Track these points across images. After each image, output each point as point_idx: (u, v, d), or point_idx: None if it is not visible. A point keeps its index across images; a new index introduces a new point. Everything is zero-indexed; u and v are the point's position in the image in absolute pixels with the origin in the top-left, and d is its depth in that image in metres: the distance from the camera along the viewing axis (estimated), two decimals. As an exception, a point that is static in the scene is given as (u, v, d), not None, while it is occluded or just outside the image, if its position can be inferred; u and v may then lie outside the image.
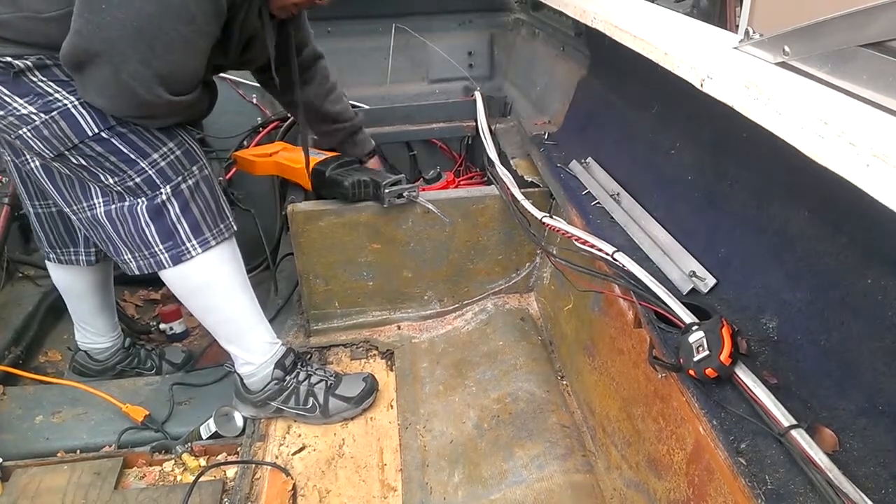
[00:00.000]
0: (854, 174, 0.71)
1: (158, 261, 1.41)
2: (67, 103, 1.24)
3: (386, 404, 1.72)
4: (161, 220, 1.38)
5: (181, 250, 1.40)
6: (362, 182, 1.76)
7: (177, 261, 1.41)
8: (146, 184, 1.34)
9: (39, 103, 1.23)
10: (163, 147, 1.35)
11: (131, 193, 1.35)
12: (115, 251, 1.43)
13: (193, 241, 1.41)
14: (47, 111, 1.23)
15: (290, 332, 1.96)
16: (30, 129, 1.24)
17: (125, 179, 1.33)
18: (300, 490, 1.47)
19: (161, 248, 1.39)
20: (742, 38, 1.10)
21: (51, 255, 1.69)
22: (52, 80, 1.23)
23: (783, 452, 0.90)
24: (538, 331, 1.87)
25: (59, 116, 1.24)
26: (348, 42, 2.51)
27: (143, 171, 1.33)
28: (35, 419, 1.71)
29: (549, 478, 1.37)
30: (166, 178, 1.36)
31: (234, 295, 1.52)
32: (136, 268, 1.43)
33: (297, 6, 1.41)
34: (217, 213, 1.46)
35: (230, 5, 1.23)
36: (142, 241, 1.39)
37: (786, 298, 1.06)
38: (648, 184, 1.51)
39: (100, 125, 1.27)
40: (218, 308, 1.53)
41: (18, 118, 1.23)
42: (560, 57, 2.21)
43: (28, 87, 1.22)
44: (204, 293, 1.49)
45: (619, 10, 1.48)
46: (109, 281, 1.83)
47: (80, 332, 1.84)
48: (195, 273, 1.44)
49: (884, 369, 0.87)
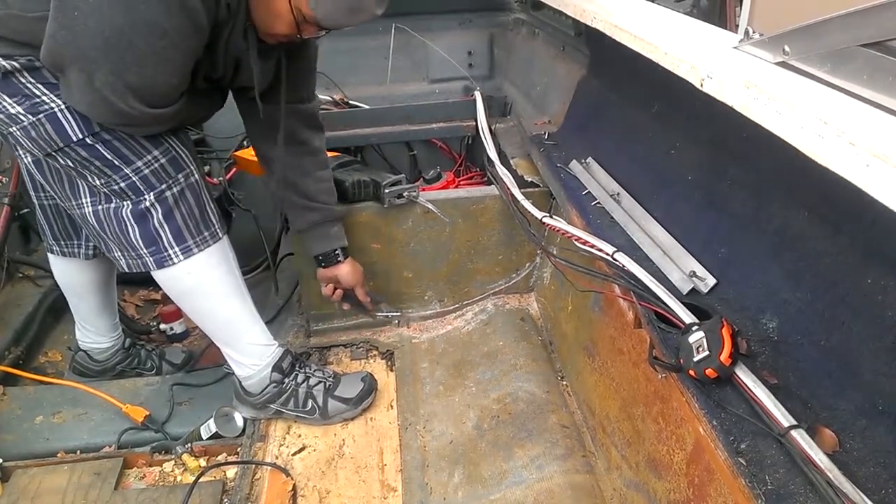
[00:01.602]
0: (854, 174, 0.71)
1: (145, 262, 1.42)
2: (54, 107, 1.23)
3: (386, 405, 1.72)
4: (144, 224, 1.37)
5: (163, 256, 1.40)
6: (362, 182, 1.76)
7: (160, 265, 1.41)
8: (130, 189, 1.34)
9: (27, 105, 1.22)
10: (147, 155, 1.33)
11: (117, 196, 1.35)
12: (107, 248, 1.45)
13: (176, 248, 1.40)
14: (34, 113, 1.23)
15: (290, 332, 1.95)
16: (19, 129, 1.25)
17: (110, 183, 1.33)
18: (300, 490, 1.47)
19: (145, 252, 1.40)
20: (742, 37, 1.10)
21: (54, 248, 1.69)
22: (40, 82, 1.22)
23: (783, 453, 0.90)
24: (538, 331, 1.87)
25: (46, 119, 1.23)
26: (348, 42, 2.50)
27: (126, 177, 1.32)
28: (35, 419, 1.71)
29: (549, 478, 1.37)
30: (150, 185, 1.35)
31: (226, 299, 1.51)
32: (125, 266, 1.44)
33: (285, 36, 1.32)
34: (201, 221, 1.44)
35: (214, 23, 1.20)
36: (128, 242, 1.39)
37: (786, 298, 1.06)
38: (648, 184, 1.51)
39: (84, 131, 1.25)
40: (210, 311, 1.53)
41: (8, 117, 1.24)
42: (560, 57, 2.20)
43: (17, 87, 1.21)
44: (194, 296, 1.49)
45: (619, 10, 1.48)
46: (111, 280, 1.83)
47: (80, 331, 1.84)
48: (183, 277, 1.44)
49: (884, 369, 0.87)
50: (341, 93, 2.48)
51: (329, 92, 2.49)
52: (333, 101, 2.47)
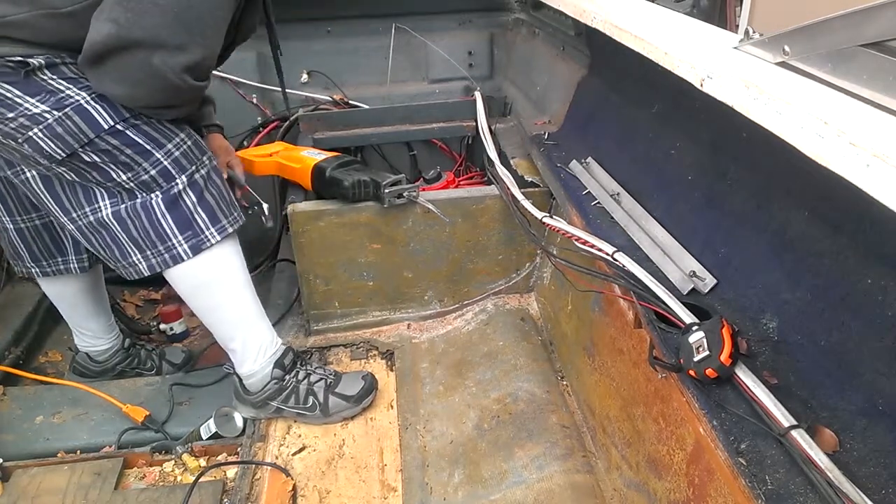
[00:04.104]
0: (854, 174, 0.71)
1: (175, 254, 1.41)
2: (80, 99, 1.25)
3: (386, 404, 1.72)
4: (178, 210, 1.39)
5: (201, 239, 1.41)
6: (362, 182, 1.76)
7: (196, 250, 1.41)
8: (162, 175, 1.35)
9: (52, 101, 1.23)
10: (175, 137, 1.37)
11: (145, 188, 1.36)
12: (121, 254, 1.42)
13: (212, 228, 1.42)
14: (60, 108, 1.23)
15: (290, 332, 1.96)
16: (42, 129, 1.23)
17: (139, 173, 1.33)
18: (300, 490, 1.47)
19: (180, 240, 1.40)
20: (742, 37, 1.10)
21: (34, 270, 1.65)
22: (61, 77, 1.24)
23: (783, 453, 0.90)
24: (538, 331, 1.87)
25: (73, 112, 1.24)
26: (348, 42, 2.51)
27: (158, 162, 1.34)
28: (35, 419, 1.71)
29: (549, 478, 1.37)
30: (181, 167, 1.38)
31: (239, 290, 1.52)
32: (145, 268, 1.42)
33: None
34: (229, 201, 1.49)
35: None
36: (157, 235, 1.39)
37: (786, 298, 1.06)
38: (648, 184, 1.51)
39: (114, 117, 1.28)
40: (223, 304, 1.53)
41: (30, 118, 1.22)
42: (560, 57, 2.21)
43: (39, 85, 1.22)
44: (210, 288, 1.50)
45: (619, 10, 1.48)
46: (101, 283, 1.82)
47: (78, 336, 1.84)
48: (204, 267, 1.44)
49: (884, 369, 0.87)
50: (341, 93, 2.48)
51: (329, 92, 2.49)
52: (333, 101, 2.48)
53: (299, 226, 1.81)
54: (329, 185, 1.79)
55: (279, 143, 2.12)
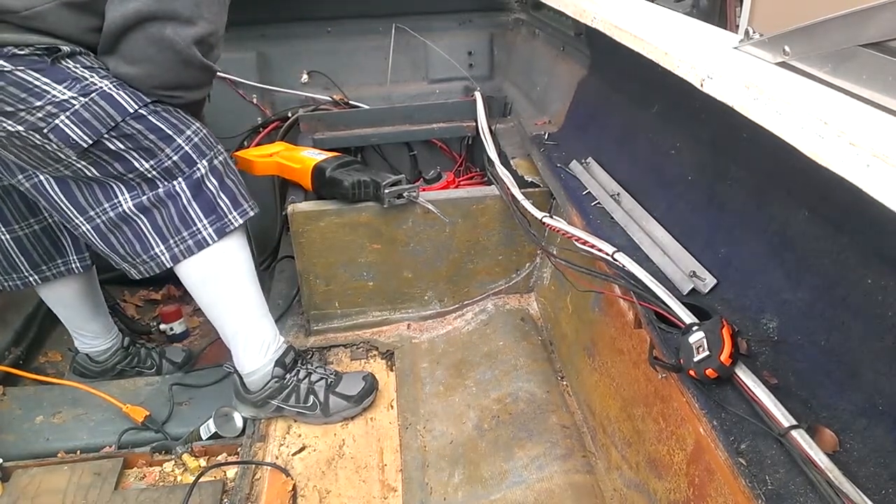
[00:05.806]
0: (854, 174, 0.71)
1: (200, 239, 1.42)
2: (103, 86, 1.28)
3: (386, 405, 1.72)
4: (203, 195, 1.42)
5: (225, 222, 1.44)
6: (362, 182, 1.76)
7: (220, 234, 1.43)
8: (184, 160, 1.39)
9: (78, 87, 1.26)
10: (193, 125, 1.41)
11: (167, 175, 1.38)
12: (143, 248, 1.41)
13: (234, 212, 1.46)
14: (86, 94, 1.26)
15: (290, 332, 1.95)
16: (69, 115, 1.25)
17: (162, 160, 1.36)
18: (300, 490, 1.47)
19: (205, 223, 1.42)
20: (742, 37, 1.10)
21: (32, 278, 1.65)
22: (82, 66, 1.28)
23: (783, 453, 0.90)
24: (538, 331, 1.87)
25: (99, 97, 1.27)
26: (348, 42, 2.51)
27: (179, 147, 1.37)
28: (35, 420, 1.71)
29: (549, 478, 1.37)
30: (202, 153, 1.41)
31: (247, 284, 1.53)
32: (167, 259, 1.42)
33: None
34: (244, 186, 1.53)
35: None
36: (182, 222, 1.41)
37: (786, 298, 1.06)
38: (648, 184, 1.51)
39: (138, 102, 1.32)
40: (230, 296, 1.53)
41: (57, 105, 1.24)
42: (560, 57, 2.21)
43: (65, 72, 1.25)
44: (219, 280, 1.50)
45: (619, 10, 1.48)
46: (96, 283, 1.82)
47: (78, 340, 1.84)
48: (216, 257, 1.46)
49: (884, 369, 0.87)
50: (341, 93, 2.48)
51: (329, 92, 2.49)
52: (333, 101, 2.48)
53: (299, 226, 1.81)
54: (329, 185, 1.79)
55: (279, 144, 2.12)
